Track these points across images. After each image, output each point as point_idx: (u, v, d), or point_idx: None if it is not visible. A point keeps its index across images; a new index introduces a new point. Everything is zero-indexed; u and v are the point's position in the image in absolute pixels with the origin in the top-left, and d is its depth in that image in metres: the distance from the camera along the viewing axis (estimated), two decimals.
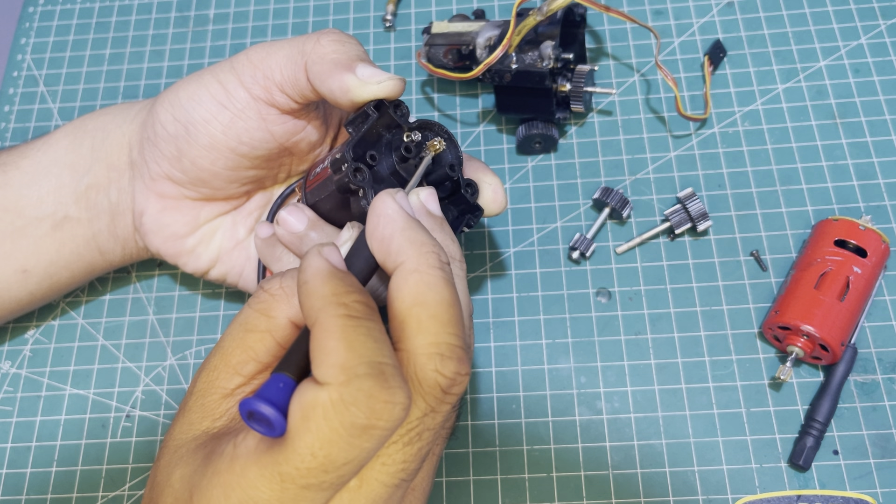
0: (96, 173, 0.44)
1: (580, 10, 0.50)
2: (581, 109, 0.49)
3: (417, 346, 0.29)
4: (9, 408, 0.47)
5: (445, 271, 0.31)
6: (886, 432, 0.42)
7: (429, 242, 0.31)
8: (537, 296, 0.47)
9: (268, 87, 0.39)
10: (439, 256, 0.31)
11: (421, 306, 0.29)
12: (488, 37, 0.49)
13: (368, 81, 0.37)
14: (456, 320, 0.30)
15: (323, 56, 0.38)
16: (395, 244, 0.31)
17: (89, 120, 0.45)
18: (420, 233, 0.31)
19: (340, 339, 0.27)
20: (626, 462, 0.43)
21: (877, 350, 0.44)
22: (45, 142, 0.45)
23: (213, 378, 0.33)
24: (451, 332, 0.29)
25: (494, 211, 0.40)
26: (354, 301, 0.28)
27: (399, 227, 0.31)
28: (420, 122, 0.39)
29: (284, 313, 0.32)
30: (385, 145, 0.38)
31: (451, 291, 0.30)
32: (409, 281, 0.30)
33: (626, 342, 0.46)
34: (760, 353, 0.45)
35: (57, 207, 0.44)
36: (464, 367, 0.29)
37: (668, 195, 0.49)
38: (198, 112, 0.40)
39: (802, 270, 0.44)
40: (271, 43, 0.40)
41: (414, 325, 0.29)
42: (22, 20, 0.61)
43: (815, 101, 0.51)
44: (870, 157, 0.49)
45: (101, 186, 0.44)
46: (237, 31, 0.59)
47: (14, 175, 0.44)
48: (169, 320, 0.49)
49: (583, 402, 0.45)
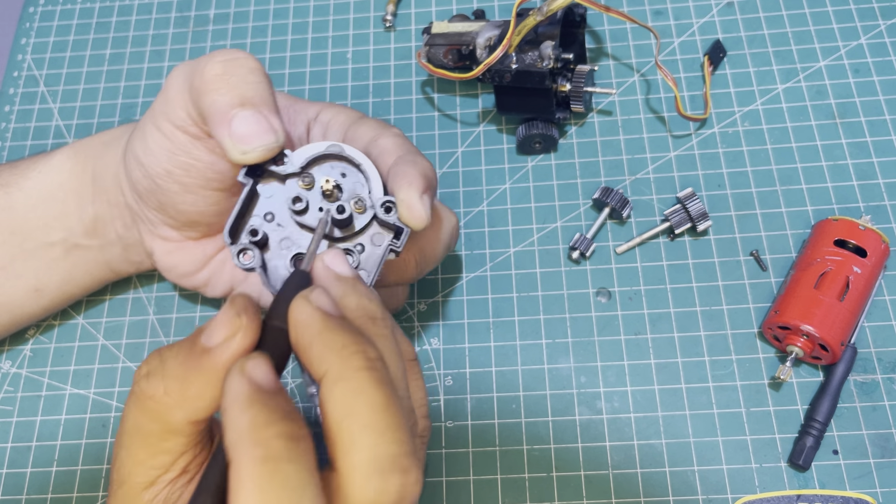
0: (100, 206, 0.44)
1: (580, 10, 0.50)
2: (581, 109, 0.49)
3: (353, 465, 0.26)
4: (9, 407, 0.48)
5: (375, 369, 0.28)
6: (886, 432, 0.42)
7: (350, 342, 0.28)
8: (537, 296, 0.47)
9: (191, 122, 0.37)
10: (365, 354, 0.28)
11: (351, 418, 0.26)
12: (488, 37, 0.49)
13: (238, 146, 0.35)
14: (394, 424, 0.27)
15: (203, 93, 0.35)
16: (315, 353, 0.28)
17: (89, 146, 0.44)
18: (339, 333, 0.28)
19: (252, 493, 0.24)
20: (626, 462, 0.43)
21: (877, 350, 0.44)
22: (45, 163, 0.44)
23: (127, 474, 0.30)
24: (389, 439, 0.26)
25: (414, 227, 0.35)
26: (275, 436, 0.25)
27: (316, 333, 0.28)
28: (313, 158, 0.36)
29: (180, 417, 0.29)
30: (285, 199, 0.36)
31: (383, 392, 0.27)
32: (335, 392, 0.27)
33: (625, 342, 0.46)
34: (760, 352, 0.45)
35: (66, 234, 0.44)
36: (411, 476, 0.26)
37: (667, 195, 0.49)
38: (157, 166, 0.39)
39: (802, 270, 0.44)
40: (181, 67, 0.38)
41: (346, 442, 0.26)
42: (22, 20, 0.61)
43: (814, 102, 0.51)
44: (869, 157, 0.49)
45: (106, 220, 0.44)
46: (237, 31, 0.59)
47: (18, 197, 0.44)
48: (169, 320, 0.49)
49: (583, 402, 0.45)
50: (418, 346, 0.47)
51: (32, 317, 0.47)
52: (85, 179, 0.44)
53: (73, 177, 0.44)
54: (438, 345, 0.47)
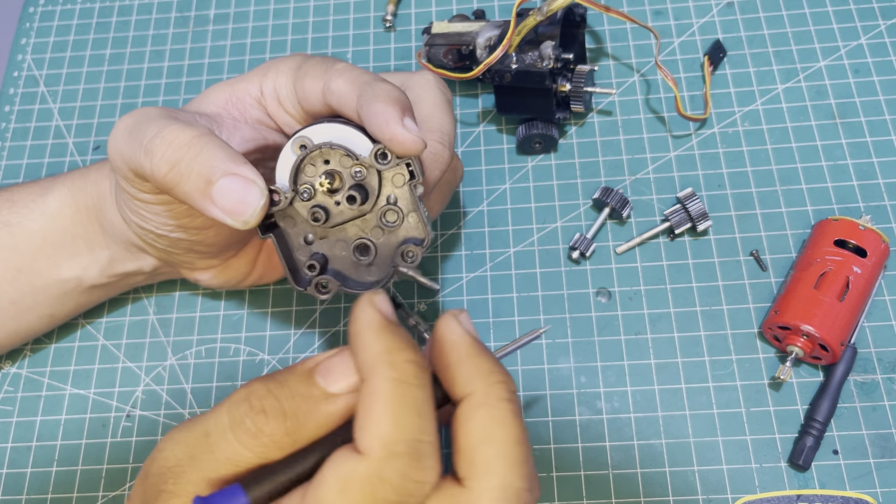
0: (116, 251, 0.43)
1: (580, 10, 0.50)
2: (581, 109, 0.49)
3: (484, 488, 0.27)
4: (9, 407, 0.48)
5: (514, 403, 0.29)
6: (886, 432, 0.42)
7: (496, 371, 0.29)
8: (537, 296, 0.47)
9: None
10: (507, 385, 0.29)
11: (489, 444, 0.28)
12: (488, 37, 0.49)
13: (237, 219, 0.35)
14: (523, 460, 0.28)
15: (169, 189, 0.35)
16: (462, 374, 0.29)
17: (87, 194, 0.43)
18: (487, 360, 0.29)
19: (386, 410, 0.27)
20: (626, 462, 0.43)
21: (876, 350, 0.44)
22: (44, 204, 0.43)
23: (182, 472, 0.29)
24: (518, 474, 0.28)
25: (415, 154, 0.35)
26: (406, 361, 0.28)
27: (464, 355, 0.29)
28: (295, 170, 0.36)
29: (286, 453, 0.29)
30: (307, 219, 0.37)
31: (519, 428, 0.28)
32: (477, 416, 0.28)
33: (625, 342, 0.46)
34: (760, 352, 0.45)
35: (80, 273, 0.44)
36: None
37: (667, 195, 0.49)
38: (163, 226, 0.39)
39: (802, 270, 0.44)
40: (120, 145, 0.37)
41: (481, 466, 0.28)
42: (22, 20, 0.61)
43: (814, 102, 0.51)
44: (869, 157, 0.49)
45: (126, 259, 0.44)
46: (237, 32, 0.59)
47: (22, 237, 0.43)
48: (169, 320, 0.49)
49: (583, 402, 0.45)
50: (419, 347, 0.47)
51: (42, 333, 0.47)
52: (93, 229, 0.43)
53: (78, 224, 0.43)
54: None
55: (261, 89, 0.40)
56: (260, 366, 0.47)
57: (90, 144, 0.55)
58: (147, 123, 0.36)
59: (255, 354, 0.48)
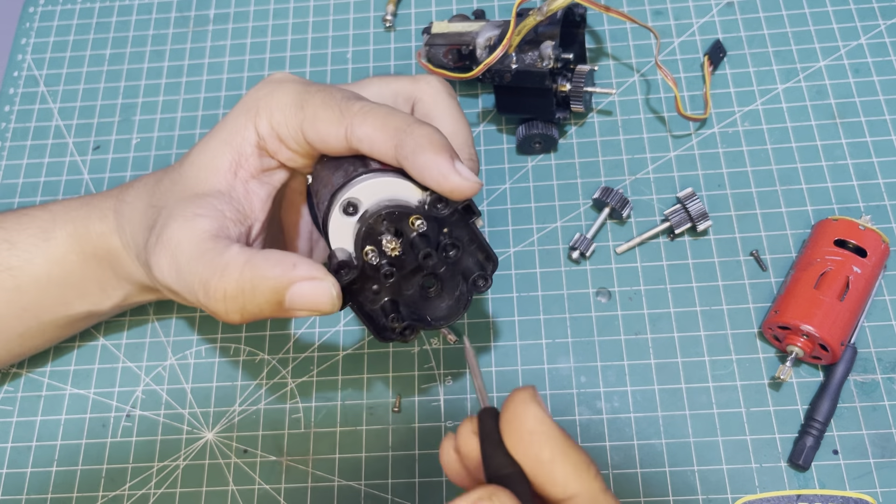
0: (132, 291, 0.43)
1: (580, 10, 0.50)
2: (581, 109, 0.49)
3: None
4: (9, 407, 0.48)
5: (609, 491, 0.28)
6: (886, 432, 0.42)
7: (589, 463, 0.28)
8: (537, 296, 0.47)
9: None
10: (598, 473, 0.28)
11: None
12: (488, 37, 0.49)
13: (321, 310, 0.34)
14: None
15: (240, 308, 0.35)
16: (559, 473, 0.27)
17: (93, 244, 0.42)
18: (578, 453, 0.28)
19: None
20: (625, 462, 0.43)
21: (876, 350, 0.44)
22: (46, 249, 0.42)
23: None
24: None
25: (473, 194, 0.34)
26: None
27: (559, 451, 0.27)
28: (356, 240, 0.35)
29: None
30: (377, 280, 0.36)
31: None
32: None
33: (625, 342, 0.46)
34: (760, 352, 0.45)
35: (91, 308, 0.44)
36: None
37: (667, 195, 0.49)
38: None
39: (802, 270, 0.44)
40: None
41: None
42: (22, 20, 0.61)
43: (814, 101, 0.51)
44: (869, 157, 0.49)
45: (142, 294, 0.44)
46: (237, 32, 0.59)
47: (26, 281, 0.42)
48: (169, 320, 0.49)
49: (583, 402, 0.45)
50: (418, 346, 0.47)
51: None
52: (104, 274, 0.43)
53: (87, 269, 0.42)
54: (438, 345, 0.47)
55: (257, 132, 0.37)
56: (260, 365, 0.47)
57: (90, 144, 0.55)
58: (188, 268, 0.35)
59: (255, 354, 0.48)
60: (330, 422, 0.45)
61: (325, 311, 0.34)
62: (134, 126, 0.56)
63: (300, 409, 0.46)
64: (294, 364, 0.47)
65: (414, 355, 0.47)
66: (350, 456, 0.45)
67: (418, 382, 0.46)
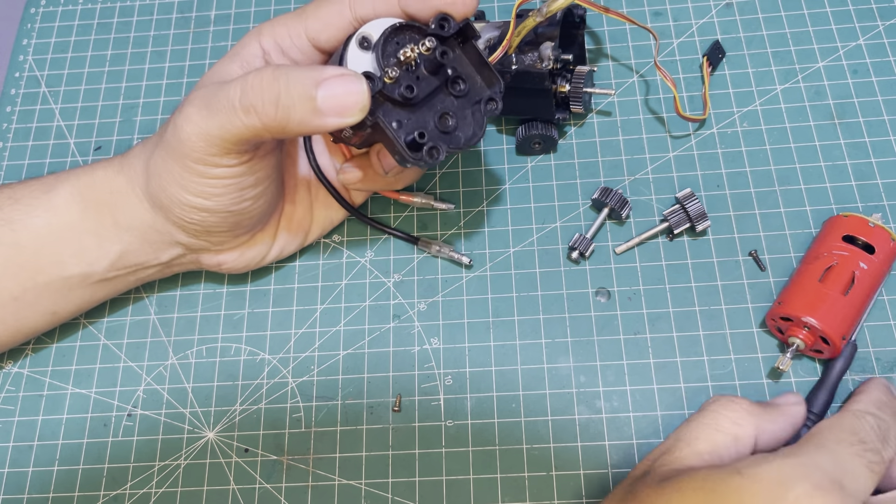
0: (129, 243, 0.43)
1: (580, 11, 0.50)
2: (580, 110, 0.50)
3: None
4: (11, 407, 0.48)
5: None
6: None
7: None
8: (537, 295, 0.48)
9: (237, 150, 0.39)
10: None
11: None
12: (488, 38, 0.49)
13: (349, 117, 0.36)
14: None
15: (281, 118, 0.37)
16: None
17: (96, 190, 0.43)
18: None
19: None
20: (625, 461, 0.43)
21: (875, 349, 0.44)
22: (48, 202, 0.43)
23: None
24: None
25: (467, 6, 0.38)
26: None
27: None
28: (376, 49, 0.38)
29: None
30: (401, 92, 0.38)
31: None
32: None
33: (625, 341, 0.46)
34: (759, 352, 0.45)
35: (86, 269, 0.44)
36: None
37: (666, 195, 0.50)
38: (222, 206, 0.41)
39: (808, 263, 0.44)
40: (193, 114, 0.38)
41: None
42: (24, 21, 0.61)
43: (813, 102, 0.52)
44: (868, 158, 0.49)
45: (140, 251, 0.44)
46: (238, 32, 0.59)
47: (24, 235, 0.43)
48: (170, 319, 0.49)
49: (582, 402, 0.45)
50: (418, 346, 0.47)
51: (44, 331, 0.47)
52: (103, 223, 0.43)
53: (87, 219, 0.43)
54: (438, 344, 0.47)
55: (262, 48, 0.42)
56: (260, 365, 0.47)
57: (91, 145, 0.56)
58: (218, 94, 0.37)
59: (255, 354, 0.48)
60: (330, 421, 0.46)
61: (359, 107, 0.35)
62: (135, 127, 0.56)
63: (301, 409, 0.46)
64: (294, 364, 0.47)
65: (414, 355, 0.47)
66: (350, 455, 0.45)
67: (418, 382, 0.46)
